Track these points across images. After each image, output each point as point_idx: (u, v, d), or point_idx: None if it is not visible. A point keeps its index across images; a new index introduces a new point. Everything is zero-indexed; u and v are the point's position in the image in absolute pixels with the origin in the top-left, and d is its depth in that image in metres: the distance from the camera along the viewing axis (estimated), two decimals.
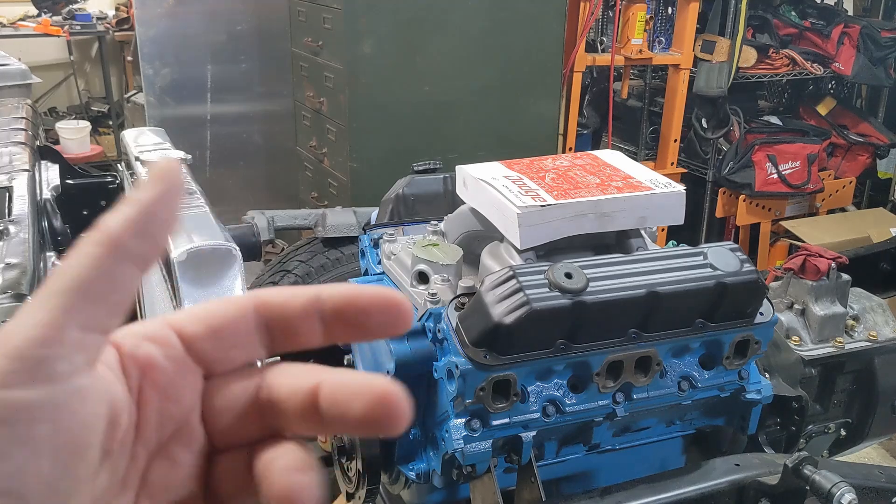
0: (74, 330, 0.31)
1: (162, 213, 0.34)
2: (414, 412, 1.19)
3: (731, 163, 4.20)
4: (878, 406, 1.75)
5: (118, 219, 0.33)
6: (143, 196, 0.34)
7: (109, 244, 0.33)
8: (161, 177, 0.35)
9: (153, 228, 0.34)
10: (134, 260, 0.34)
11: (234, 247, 1.09)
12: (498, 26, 3.30)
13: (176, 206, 0.35)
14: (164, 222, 0.35)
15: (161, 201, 0.34)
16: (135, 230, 0.33)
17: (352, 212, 2.34)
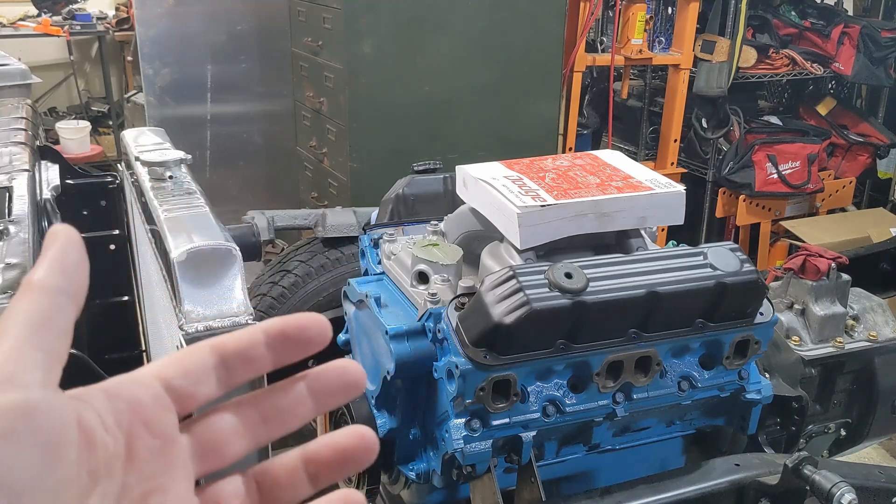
0: (33, 351, 0.37)
1: (72, 256, 0.41)
2: (414, 412, 1.18)
3: (731, 163, 4.20)
4: (878, 406, 1.75)
5: (41, 268, 0.40)
6: (51, 249, 0.41)
7: (42, 285, 0.39)
8: (56, 235, 0.41)
9: (70, 268, 0.41)
10: (65, 294, 0.40)
11: (234, 247, 1.09)
12: (498, 26, 3.30)
13: (80, 251, 0.41)
14: (77, 262, 0.41)
15: (67, 248, 0.41)
16: (57, 271, 0.40)
17: (352, 212, 2.34)
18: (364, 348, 1.51)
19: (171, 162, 1.42)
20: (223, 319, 1.01)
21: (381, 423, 1.40)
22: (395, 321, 1.34)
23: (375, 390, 1.40)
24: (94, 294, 1.97)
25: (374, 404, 1.41)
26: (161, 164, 1.41)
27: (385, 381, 1.33)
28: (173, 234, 1.12)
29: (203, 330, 0.99)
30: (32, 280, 0.39)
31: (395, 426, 1.38)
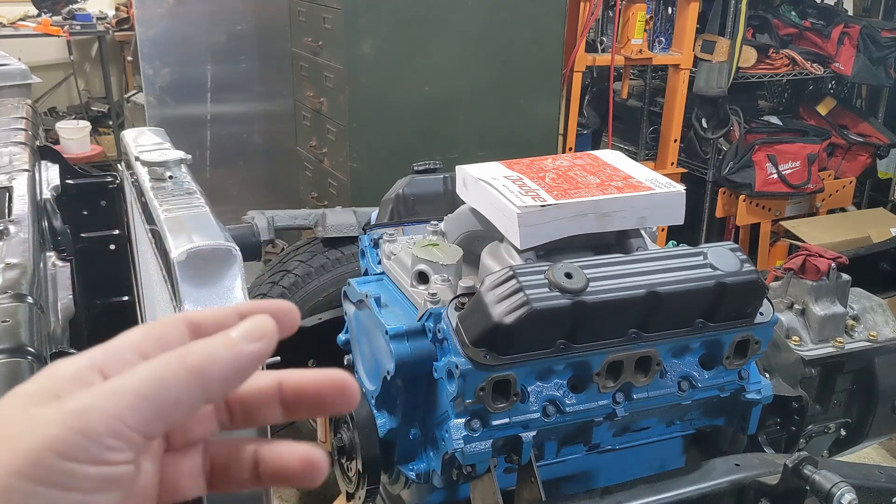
0: (134, 433, 0.37)
1: (249, 369, 0.40)
2: (414, 412, 1.18)
3: (731, 163, 4.20)
4: (878, 406, 1.75)
5: (213, 353, 0.39)
6: (241, 345, 0.40)
7: (198, 373, 0.39)
8: (261, 335, 0.40)
9: (236, 380, 0.41)
10: (209, 397, 0.40)
11: (234, 247, 1.09)
12: (498, 26, 3.30)
13: (260, 363, 0.41)
14: (245, 375, 0.41)
15: (254, 359, 0.40)
16: (222, 373, 0.40)
17: (352, 212, 2.34)
18: (364, 348, 1.51)
19: (171, 162, 1.42)
20: None
21: (381, 423, 1.40)
22: (395, 321, 1.34)
23: (375, 390, 1.40)
24: (94, 294, 1.97)
25: (374, 404, 1.41)
26: (161, 164, 1.41)
27: (385, 381, 1.33)
28: (173, 234, 1.12)
29: None
30: (194, 355, 0.40)
31: (395, 426, 1.38)
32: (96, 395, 0.37)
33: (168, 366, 0.38)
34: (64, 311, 1.54)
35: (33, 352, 0.99)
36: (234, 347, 0.39)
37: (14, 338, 1.00)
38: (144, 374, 0.38)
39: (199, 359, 0.39)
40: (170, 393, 0.38)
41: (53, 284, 1.52)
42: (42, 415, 0.36)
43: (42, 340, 1.06)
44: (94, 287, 1.96)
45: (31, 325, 1.05)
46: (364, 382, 1.50)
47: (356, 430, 1.40)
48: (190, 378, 0.38)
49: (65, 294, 1.56)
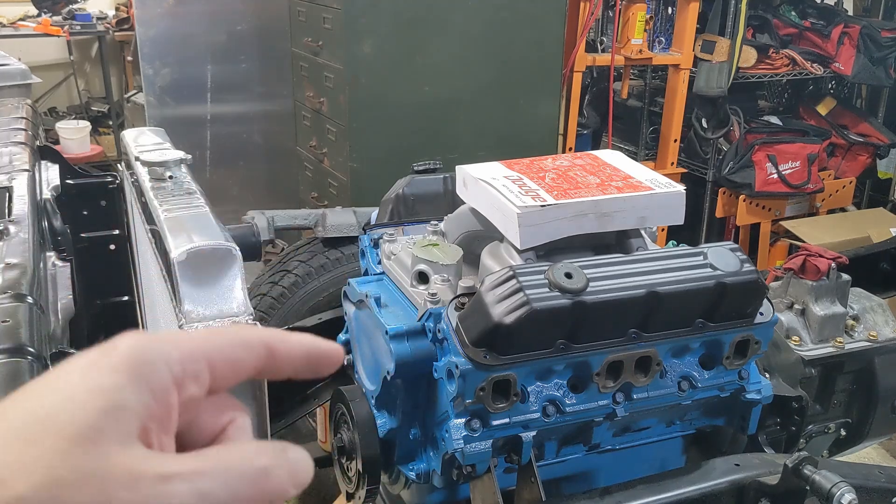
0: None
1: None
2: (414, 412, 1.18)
3: (731, 163, 4.20)
4: (878, 406, 1.75)
5: (281, 490, 0.41)
6: (289, 489, 0.41)
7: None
8: (301, 485, 0.42)
9: None
10: None
11: (234, 247, 1.09)
12: (498, 26, 3.30)
13: None
14: None
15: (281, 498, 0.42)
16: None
17: (352, 212, 2.34)
18: (364, 348, 1.51)
19: (171, 162, 1.42)
20: (223, 319, 1.01)
21: (381, 423, 1.40)
22: (395, 321, 1.34)
23: (375, 390, 1.40)
24: (94, 294, 1.97)
25: (374, 404, 1.41)
26: (161, 164, 1.41)
27: (385, 381, 1.33)
28: (173, 234, 1.12)
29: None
30: None
31: (395, 426, 1.38)
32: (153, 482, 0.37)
33: (241, 480, 0.39)
34: (64, 311, 1.54)
35: (33, 352, 0.99)
36: (289, 490, 0.41)
37: (14, 338, 1.00)
38: (219, 479, 0.38)
39: (270, 489, 0.40)
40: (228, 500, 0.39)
41: (53, 284, 1.52)
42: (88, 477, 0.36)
43: (42, 340, 1.06)
44: (94, 287, 1.96)
45: (31, 325, 1.05)
46: (364, 382, 1.50)
47: (356, 430, 1.40)
48: (254, 499, 0.40)
49: (65, 294, 1.56)
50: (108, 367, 0.38)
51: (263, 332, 0.46)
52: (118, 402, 0.37)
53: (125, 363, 0.39)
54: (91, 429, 0.36)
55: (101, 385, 0.37)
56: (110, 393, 0.37)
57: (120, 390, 0.38)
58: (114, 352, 0.39)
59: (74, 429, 0.36)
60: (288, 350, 0.46)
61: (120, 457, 0.36)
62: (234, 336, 0.44)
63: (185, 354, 0.41)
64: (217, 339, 0.43)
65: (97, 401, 0.37)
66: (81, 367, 0.39)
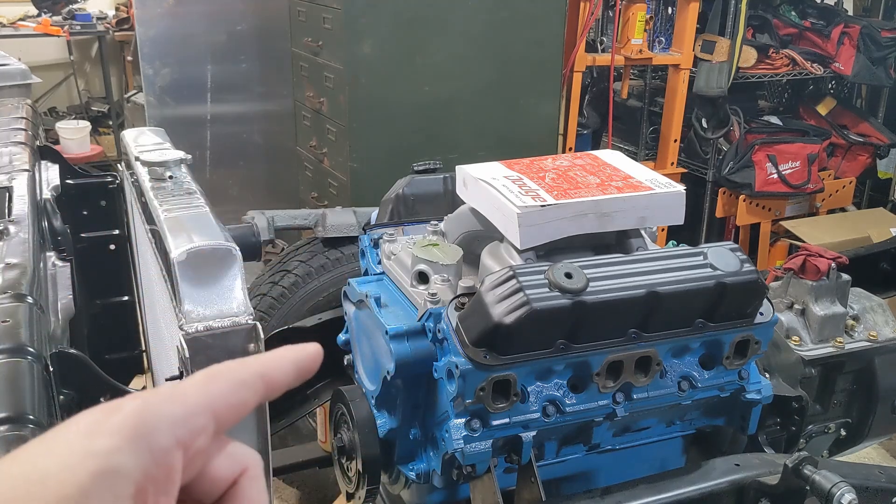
0: None
1: None
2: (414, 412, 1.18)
3: (731, 163, 4.20)
4: (878, 406, 1.75)
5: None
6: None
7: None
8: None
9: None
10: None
11: (234, 247, 1.09)
12: (498, 26, 3.30)
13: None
14: None
15: None
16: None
17: (352, 212, 2.34)
18: (364, 348, 1.51)
19: (171, 162, 1.42)
20: (223, 319, 1.01)
21: (381, 423, 1.40)
22: (395, 321, 1.34)
23: (375, 390, 1.40)
24: (94, 294, 1.97)
25: (374, 404, 1.41)
26: (161, 164, 1.41)
27: (385, 381, 1.33)
28: (173, 234, 1.12)
29: (203, 330, 0.99)
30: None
31: (395, 426, 1.38)
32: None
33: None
34: (64, 311, 1.54)
35: (33, 352, 0.99)
36: None
37: (14, 338, 1.00)
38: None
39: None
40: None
41: (53, 284, 1.52)
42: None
43: (42, 340, 1.06)
44: (94, 287, 1.96)
45: (31, 325, 1.05)
46: (364, 382, 1.50)
47: (356, 430, 1.40)
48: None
49: (65, 294, 1.56)
50: (107, 429, 0.38)
51: (256, 365, 0.46)
52: (111, 466, 0.37)
53: (126, 425, 0.38)
54: (79, 493, 0.36)
55: (97, 448, 0.37)
56: (105, 456, 0.37)
57: (115, 454, 0.37)
58: (116, 413, 0.39)
59: (63, 492, 0.35)
60: (281, 372, 0.46)
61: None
62: (232, 379, 0.44)
63: (189, 411, 0.41)
64: (217, 387, 0.43)
65: (90, 464, 0.37)
66: (81, 428, 0.38)
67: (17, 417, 0.85)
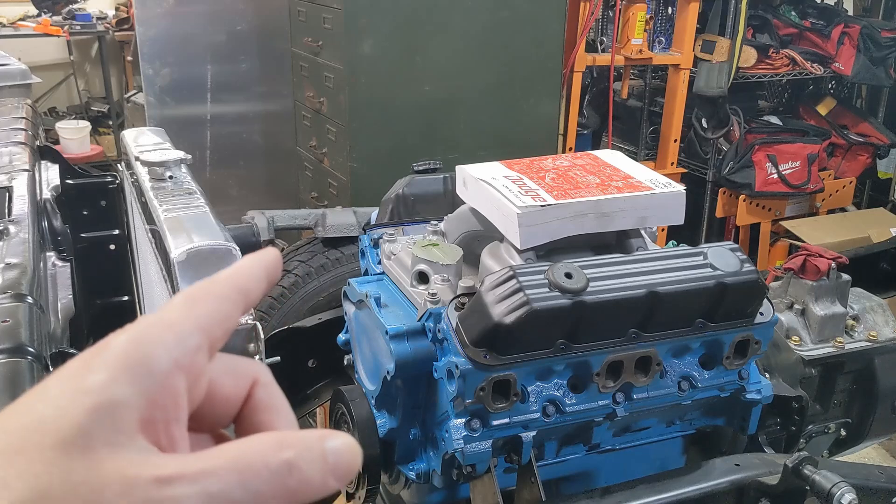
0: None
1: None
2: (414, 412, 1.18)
3: (731, 163, 4.20)
4: (878, 406, 1.75)
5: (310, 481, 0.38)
6: (331, 482, 0.39)
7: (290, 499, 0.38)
8: (348, 474, 0.39)
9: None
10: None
11: (234, 247, 1.09)
12: (498, 26, 3.30)
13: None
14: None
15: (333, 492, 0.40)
16: (305, 500, 0.39)
17: (352, 212, 2.34)
18: (364, 348, 1.51)
19: (171, 162, 1.42)
20: None
21: (381, 423, 1.40)
22: (395, 321, 1.34)
23: (375, 390, 1.40)
24: (94, 294, 1.97)
25: (374, 404, 1.41)
26: (161, 164, 1.41)
27: (385, 381, 1.33)
28: (173, 234, 1.12)
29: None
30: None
31: (395, 426, 1.38)
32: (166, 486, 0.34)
33: (260, 477, 0.36)
34: (64, 311, 1.54)
35: (33, 352, 0.99)
36: (326, 483, 0.38)
37: (14, 338, 1.00)
38: (232, 479, 0.35)
39: (298, 485, 0.37)
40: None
41: (53, 284, 1.52)
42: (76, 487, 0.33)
43: (42, 340, 1.06)
44: (94, 287, 1.96)
45: (31, 325, 1.05)
46: (364, 382, 1.50)
47: (356, 430, 1.40)
48: (281, 498, 0.37)
49: (65, 294, 1.56)
50: (98, 364, 0.36)
51: (231, 278, 0.44)
52: (108, 399, 0.35)
53: (117, 357, 0.36)
54: (78, 433, 0.34)
55: (89, 385, 0.35)
56: (99, 390, 0.35)
57: (110, 386, 0.35)
58: (105, 350, 0.37)
59: (60, 435, 0.33)
60: (254, 280, 0.44)
61: (112, 461, 0.34)
62: (213, 295, 0.42)
63: (179, 331, 0.39)
64: (200, 305, 0.41)
65: (85, 401, 0.34)
66: (72, 369, 0.36)
67: None
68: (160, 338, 0.38)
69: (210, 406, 0.42)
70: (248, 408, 0.43)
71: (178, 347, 0.38)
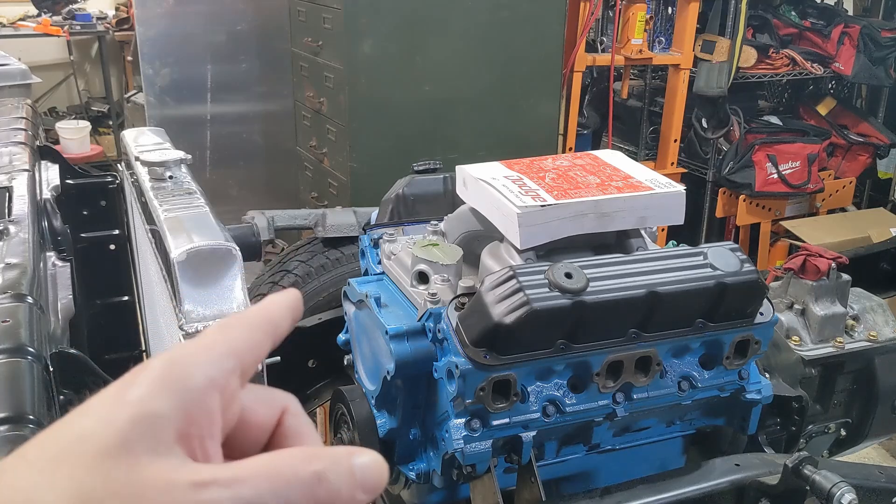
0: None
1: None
2: (414, 412, 1.18)
3: (731, 163, 4.20)
4: (878, 406, 1.75)
5: (339, 494, 0.39)
6: (359, 495, 0.40)
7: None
8: (376, 489, 0.41)
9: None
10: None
11: (234, 247, 1.09)
12: (498, 26, 3.30)
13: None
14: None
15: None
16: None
17: (352, 212, 2.33)
18: (364, 348, 1.51)
19: (171, 162, 1.42)
20: None
21: (381, 423, 1.40)
22: (395, 321, 1.33)
23: (375, 390, 1.40)
24: (94, 294, 1.97)
25: (374, 404, 1.41)
26: (161, 164, 1.41)
27: (385, 381, 1.33)
28: (173, 234, 1.12)
29: (203, 330, 0.99)
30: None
31: (395, 426, 1.38)
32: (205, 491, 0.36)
33: (290, 487, 0.37)
34: (64, 311, 1.54)
35: (33, 352, 0.99)
36: (354, 496, 0.39)
37: (14, 338, 1.00)
38: (264, 486, 0.37)
39: (327, 496, 0.38)
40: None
41: (53, 284, 1.52)
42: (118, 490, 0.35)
43: (42, 340, 1.06)
44: (94, 287, 1.96)
45: (31, 325, 1.05)
46: (364, 382, 1.50)
47: (356, 430, 1.40)
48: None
49: (65, 294, 1.56)
50: (139, 381, 0.38)
51: (261, 311, 0.46)
52: (149, 411, 0.37)
53: (156, 374, 0.38)
54: (121, 441, 0.36)
55: (130, 398, 0.37)
56: (140, 403, 0.37)
57: (150, 399, 0.37)
58: (145, 369, 0.39)
59: (103, 444, 0.35)
60: (281, 315, 0.46)
61: (152, 467, 0.36)
62: (246, 325, 0.44)
63: (215, 353, 0.41)
64: (234, 332, 0.43)
65: (126, 412, 0.36)
66: (114, 388, 0.38)
67: (17, 417, 0.85)
68: (197, 358, 0.40)
69: (243, 432, 0.43)
70: (278, 435, 0.45)
71: (214, 368, 0.40)
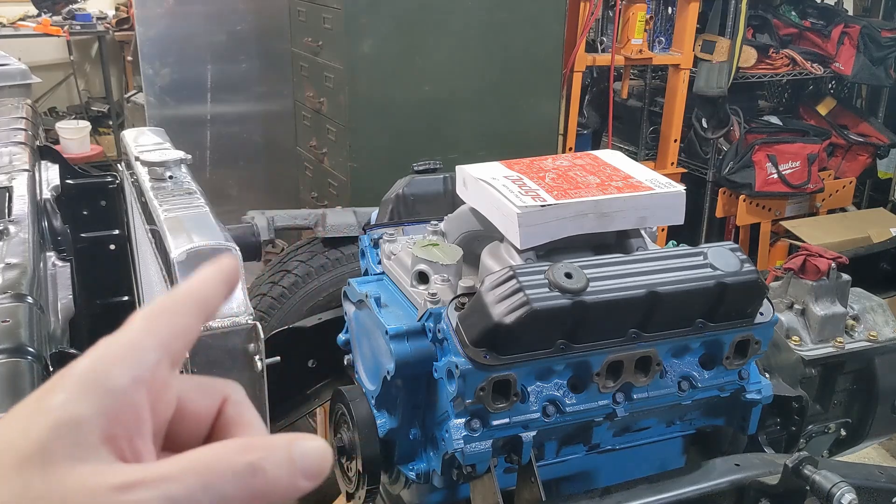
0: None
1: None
2: (414, 412, 1.18)
3: (731, 163, 4.20)
4: (878, 406, 1.75)
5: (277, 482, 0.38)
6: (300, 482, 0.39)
7: (256, 499, 0.39)
8: (319, 473, 0.40)
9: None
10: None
11: (234, 247, 1.09)
12: (498, 26, 3.30)
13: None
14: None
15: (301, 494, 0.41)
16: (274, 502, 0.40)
17: (352, 212, 2.34)
18: (364, 348, 1.51)
19: (171, 162, 1.42)
20: (223, 319, 1.01)
21: (381, 423, 1.40)
22: (395, 321, 1.33)
23: (375, 390, 1.40)
24: (94, 294, 1.97)
25: (374, 404, 1.41)
26: (161, 164, 1.41)
27: (385, 381, 1.33)
28: (173, 234, 1.12)
29: (203, 330, 0.99)
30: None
31: (395, 426, 1.38)
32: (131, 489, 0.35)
33: (223, 480, 0.37)
34: (64, 311, 1.54)
35: (33, 352, 0.99)
36: (295, 483, 0.38)
37: (14, 338, 1.00)
38: (194, 482, 0.36)
39: (264, 486, 0.37)
40: None
41: (53, 284, 1.52)
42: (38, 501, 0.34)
43: (42, 340, 1.06)
44: (94, 287, 1.96)
45: (31, 325, 1.05)
46: (364, 382, 1.50)
47: (356, 430, 1.40)
48: (247, 500, 0.37)
49: (65, 294, 1.56)
50: (59, 386, 0.37)
51: (189, 291, 0.45)
52: (70, 417, 0.36)
53: (76, 378, 0.38)
54: (38, 449, 0.35)
55: (49, 404, 0.36)
56: (59, 409, 0.36)
57: (69, 404, 0.36)
58: (65, 374, 0.38)
59: (21, 453, 0.35)
60: (213, 290, 0.46)
61: (74, 472, 0.35)
62: (170, 311, 0.43)
63: (136, 348, 0.40)
64: (157, 321, 0.42)
65: (45, 420, 0.36)
66: (36, 395, 0.38)
67: None
68: (117, 356, 0.39)
69: (181, 423, 0.43)
70: (219, 425, 0.44)
71: (137, 364, 0.39)
